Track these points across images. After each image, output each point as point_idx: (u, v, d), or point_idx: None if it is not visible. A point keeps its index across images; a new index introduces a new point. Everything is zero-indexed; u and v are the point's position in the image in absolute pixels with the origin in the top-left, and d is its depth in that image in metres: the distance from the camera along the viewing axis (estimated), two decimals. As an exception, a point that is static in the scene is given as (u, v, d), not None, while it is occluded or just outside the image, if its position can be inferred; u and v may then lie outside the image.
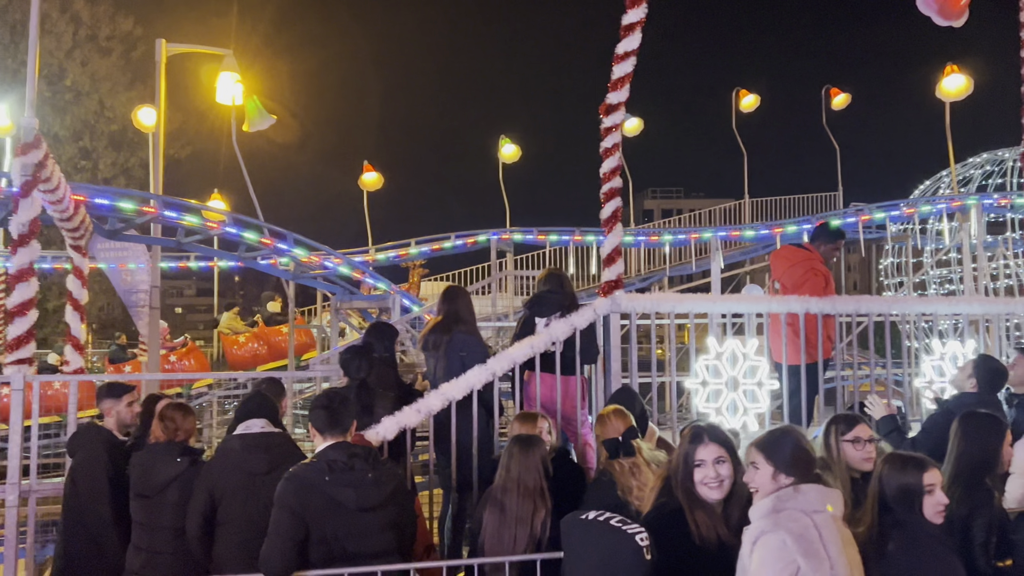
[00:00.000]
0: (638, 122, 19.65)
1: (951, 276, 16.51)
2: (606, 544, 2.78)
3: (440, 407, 4.82)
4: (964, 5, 6.57)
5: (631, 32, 5.27)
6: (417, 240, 15.21)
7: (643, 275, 17.92)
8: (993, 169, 17.91)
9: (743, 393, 5.39)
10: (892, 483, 3.04)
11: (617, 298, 5.38)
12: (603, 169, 5.48)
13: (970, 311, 6.27)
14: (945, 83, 13.17)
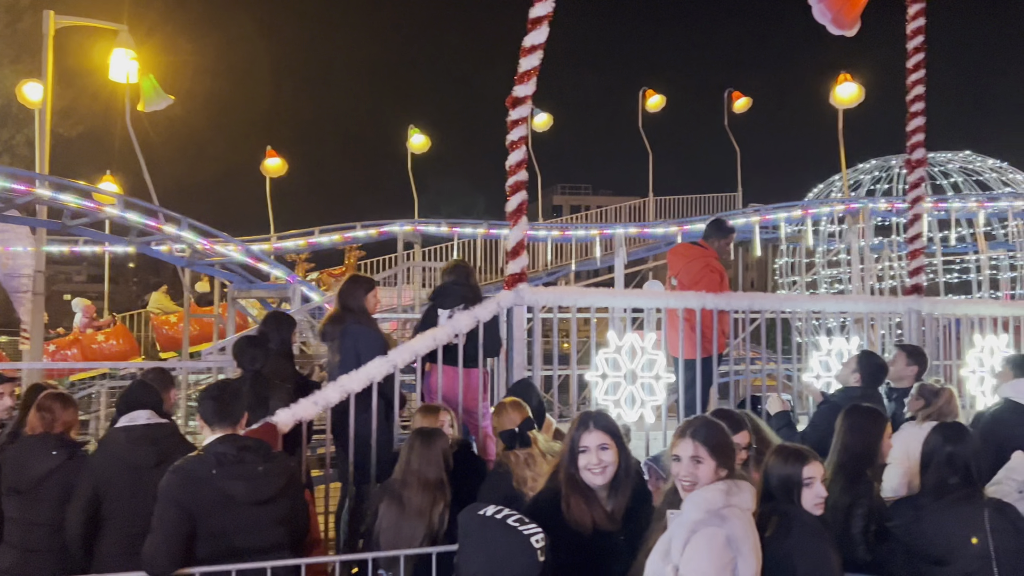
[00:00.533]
0: (547, 117, 19.79)
1: (841, 276, 17.31)
2: (501, 543, 2.77)
3: (338, 399, 4.73)
4: (857, 15, 6.86)
5: (538, 26, 5.27)
6: (322, 228, 14.89)
7: (550, 269, 18.08)
8: (882, 175, 18.86)
9: (641, 386, 5.50)
10: (774, 474, 3.16)
11: (521, 291, 5.39)
12: (509, 162, 5.47)
13: (855, 309, 6.58)
14: (838, 91, 13.77)
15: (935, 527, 3.25)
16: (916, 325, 6.41)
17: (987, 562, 3.14)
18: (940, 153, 18.42)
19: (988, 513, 3.22)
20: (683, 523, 2.75)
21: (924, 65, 6.62)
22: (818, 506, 3.09)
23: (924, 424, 4.33)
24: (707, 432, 2.89)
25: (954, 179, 18.07)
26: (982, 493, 3.37)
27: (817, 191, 19.03)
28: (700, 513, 2.73)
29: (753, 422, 3.92)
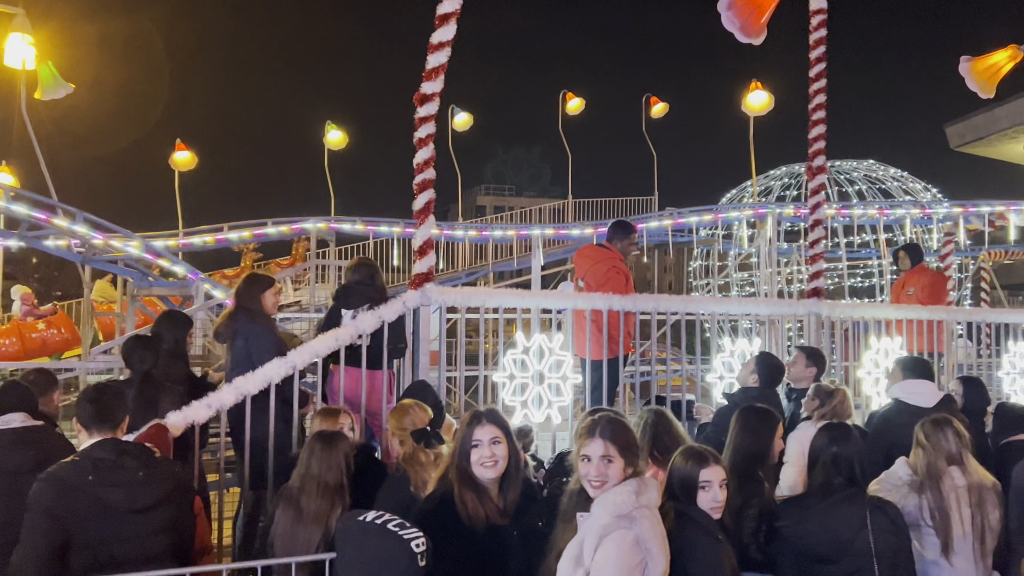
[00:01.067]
0: (467, 117, 19.71)
1: (752, 279, 17.79)
2: (380, 548, 2.71)
3: (234, 402, 4.56)
4: (763, 25, 7.03)
5: (446, 22, 5.21)
6: (231, 225, 14.45)
7: (469, 270, 18.02)
8: (791, 181, 19.48)
9: (548, 387, 5.49)
10: (676, 473, 3.20)
11: (427, 291, 5.31)
12: (416, 160, 5.39)
13: (758, 312, 6.73)
14: (749, 98, 14.14)
15: (821, 526, 3.32)
16: (816, 327, 6.60)
17: (869, 559, 3.23)
18: (846, 161, 19.14)
19: (870, 512, 3.31)
20: (593, 527, 2.75)
21: (826, 74, 6.82)
22: (714, 510, 3.13)
23: (819, 423, 4.44)
24: (615, 430, 2.90)
25: (859, 187, 18.79)
26: (865, 492, 3.46)
27: (730, 196, 19.52)
28: (609, 516, 2.73)
29: (667, 419, 3.96)
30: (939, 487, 3.71)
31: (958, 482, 3.73)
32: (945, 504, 3.68)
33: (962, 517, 3.66)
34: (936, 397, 4.68)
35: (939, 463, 3.76)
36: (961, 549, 3.64)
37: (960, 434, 3.82)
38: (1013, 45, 8.31)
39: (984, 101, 8.75)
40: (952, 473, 3.75)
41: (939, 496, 3.69)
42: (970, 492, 3.71)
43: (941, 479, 3.73)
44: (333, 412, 4.51)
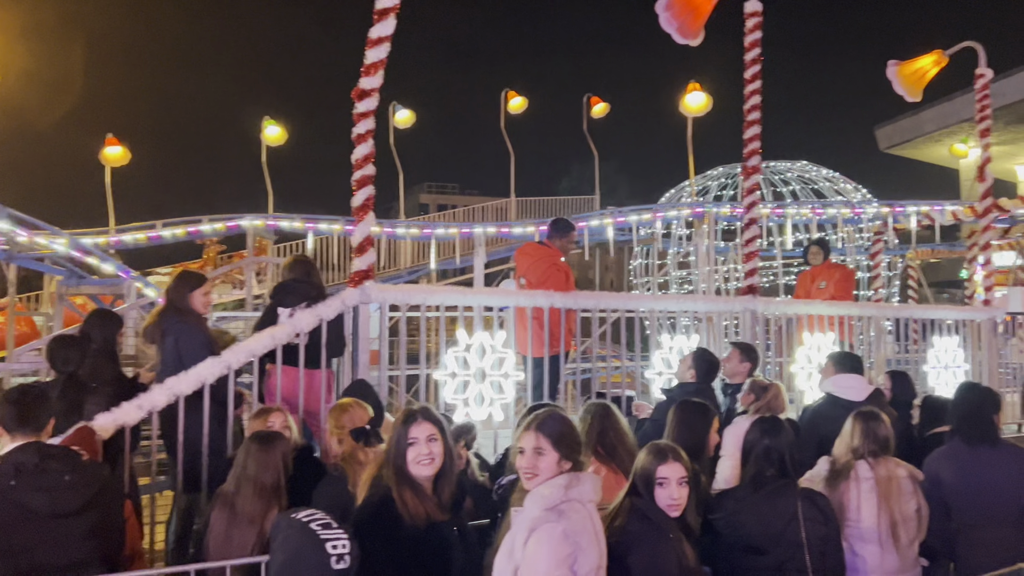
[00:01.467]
0: (409, 114, 19.57)
1: (690, 277, 18.07)
2: (297, 546, 2.67)
3: (166, 402, 4.44)
4: (700, 26, 7.13)
5: (385, 17, 5.16)
6: (165, 222, 14.07)
7: (411, 267, 17.89)
8: (727, 182, 19.85)
9: (490, 384, 5.49)
10: (638, 468, 3.27)
11: (367, 289, 5.25)
12: (355, 156, 5.32)
13: (695, 309, 6.84)
14: (688, 99, 14.36)
15: (754, 518, 3.39)
16: (751, 323, 6.73)
17: (800, 549, 3.31)
18: (780, 162, 19.57)
19: (801, 503, 3.39)
20: (523, 520, 2.75)
21: (761, 76, 6.96)
22: (671, 507, 3.16)
23: (754, 417, 4.53)
24: (551, 424, 2.90)
25: (793, 187, 19.24)
26: (796, 484, 3.54)
27: (669, 195, 19.80)
28: (539, 510, 2.73)
29: (613, 415, 3.99)
30: (846, 480, 3.82)
31: (864, 475, 3.83)
32: (845, 497, 3.79)
33: (870, 509, 3.76)
34: (866, 391, 4.82)
35: (847, 457, 3.88)
36: (872, 540, 3.75)
37: (875, 430, 3.91)
38: (938, 50, 8.59)
39: (911, 105, 9.03)
40: (859, 467, 3.86)
41: (844, 488, 3.81)
42: (879, 485, 3.81)
43: (848, 472, 3.84)
44: (267, 412, 4.44)
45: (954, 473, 3.91)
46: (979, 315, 7.91)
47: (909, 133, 29.71)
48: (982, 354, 7.91)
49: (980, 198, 8.40)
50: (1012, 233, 13.03)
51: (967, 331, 7.81)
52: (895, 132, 30.47)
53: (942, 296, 28.90)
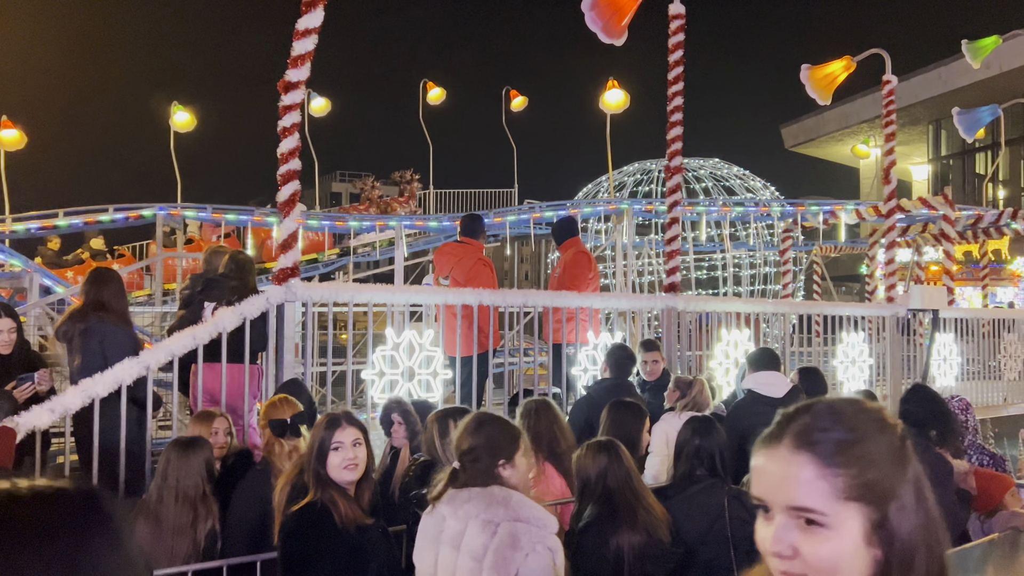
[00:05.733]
0: (325, 102, 19.18)
1: (606, 271, 18.35)
2: None
3: (80, 405, 4.24)
4: (623, 27, 7.24)
5: (312, 8, 5.03)
6: (67, 211, 13.37)
7: (327, 260, 17.54)
8: (643, 177, 20.23)
9: (418, 383, 5.45)
10: (579, 466, 3.36)
11: (292, 286, 5.13)
12: (281, 150, 5.19)
13: (619, 306, 6.95)
14: (607, 96, 14.54)
15: (683, 516, 3.47)
16: (672, 319, 6.89)
17: (726, 548, 3.41)
18: (693, 159, 20.07)
19: (728, 501, 3.49)
20: (480, 522, 2.78)
21: (683, 78, 7.11)
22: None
23: (683, 414, 4.65)
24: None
25: (705, 184, 19.76)
26: (725, 483, 3.64)
27: (587, 190, 20.04)
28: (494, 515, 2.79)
29: (552, 411, 4.02)
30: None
31: None
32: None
33: None
34: (785, 387, 4.98)
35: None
36: None
37: None
38: (847, 56, 8.97)
39: (815, 104, 9.41)
40: None
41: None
42: None
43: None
44: (207, 416, 4.34)
45: None
46: (885, 311, 8.31)
47: (812, 132, 30.97)
48: (883, 347, 8.33)
49: (885, 200, 8.81)
50: (910, 232, 13.74)
51: (871, 327, 8.20)
52: (799, 131, 31.70)
53: (841, 290, 30.27)
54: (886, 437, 1.16)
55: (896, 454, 1.16)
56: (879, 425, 1.17)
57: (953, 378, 8.70)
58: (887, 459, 1.14)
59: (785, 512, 1.13)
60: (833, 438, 1.13)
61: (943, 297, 8.51)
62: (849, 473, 1.11)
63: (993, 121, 13.06)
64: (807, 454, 1.12)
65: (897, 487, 1.13)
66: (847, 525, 1.10)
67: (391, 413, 4.51)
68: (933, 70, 24.73)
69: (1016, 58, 15.91)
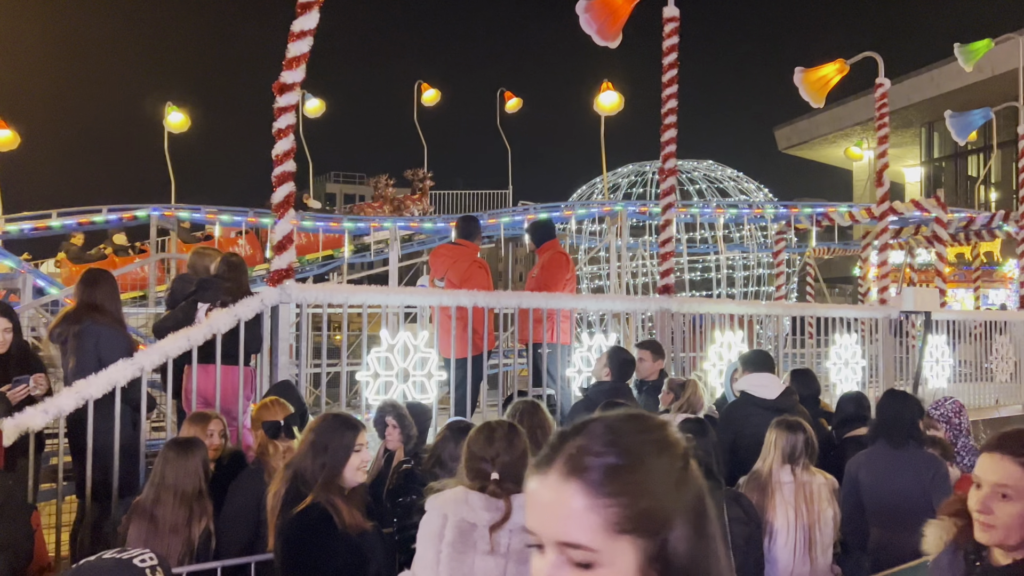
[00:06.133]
0: (319, 103, 19.18)
1: (600, 273, 18.37)
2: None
3: (74, 407, 4.24)
4: (618, 29, 7.26)
5: (308, 10, 5.04)
6: (60, 211, 13.33)
7: (322, 262, 17.52)
8: (637, 179, 20.25)
9: (413, 384, 5.45)
10: None
11: (287, 288, 5.14)
12: (276, 151, 5.19)
13: (613, 308, 6.96)
14: (601, 98, 14.57)
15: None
16: (666, 321, 6.91)
17: (724, 549, 3.41)
18: (687, 161, 20.10)
19: (727, 504, 3.51)
20: None
21: (677, 80, 7.13)
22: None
23: (677, 416, 4.66)
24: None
25: (699, 186, 19.80)
26: (722, 484, 3.66)
27: (581, 192, 20.06)
28: None
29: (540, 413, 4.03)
30: (766, 485, 3.96)
31: (784, 479, 3.98)
32: (764, 502, 3.93)
33: (787, 515, 3.92)
34: (778, 389, 5.00)
35: (768, 463, 4.01)
36: (786, 544, 3.90)
37: (798, 438, 4.02)
38: (841, 59, 9.00)
39: (808, 107, 9.45)
40: (780, 473, 4.00)
41: (764, 494, 3.95)
42: (797, 492, 3.95)
43: (768, 478, 3.98)
44: (204, 418, 4.34)
45: (871, 476, 4.11)
46: (878, 313, 8.35)
47: (806, 135, 31.07)
48: (876, 349, 8.36)
49: (878, 202, 8.85)
50: (903, 234, 13.80)
51: (864, 328, 8.23)
52: (793, 133, 31.79)
53: (834, 292, 30.35)
54: (665, 460, 1.06)
55: (675, 478, 1.06)
56: (658, 447, 1.07)
57: (945, 380, 8.74)
58: (664, 485, 1.04)
59: (555, 548, 1.02)
60: (605, 464, 1.02)
61: (935, 299, 8.54)
62: (621, 503, 1.01)
63: (985, 124, 13.12)
64: (577, 482, 1.02)
65: (674, 515, 1.04)
66: (619, 561, 1.01)
67: (385, 416, 4.52)
68: (926, 73, 24.85)
69: (1008, 61, 15.98)
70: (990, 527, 1.97)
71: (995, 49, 11.80)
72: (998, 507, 1.96)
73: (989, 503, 1.97)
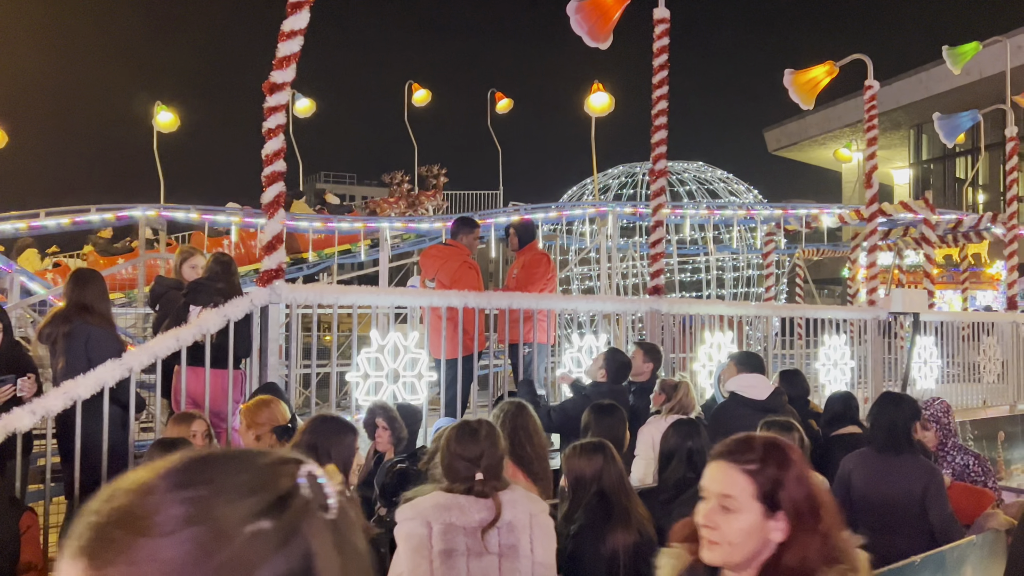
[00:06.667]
0: (310, 103, 19.13)
1: (590, 273, 18.39)
2: None
3: (62, 407, 4.21)
4: (609, 30, 7.27)
5: (298, 10, 5.03)
6: (48, 211, 13.24)
7: (312, 262, 17.47)
8: (627, 180, 20.29)
9: (403, 385, 5.45)
10: (572, 467, 3.37)
11: (277, 288, 5.12)
12: (266, 151, 5.18)
13: (603, 309, 6.98)
14: (591, 99, 14.58)
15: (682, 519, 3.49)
16: (656, 322, 6.92)
17: None
18: (678, 163, 20.14)
19: None
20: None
21: (668, 82, 7.15)
22: None
23: (669, 417, 4.67)
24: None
25: (689, 187, 19.85)
26: None
27: (571, 192, 20.08)
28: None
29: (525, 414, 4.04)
30: None
31: None
32: None
33: None
34: (768, 389, 5.02)
35: None
36: None
37: (791, 440, 4.05)
38: (830, 61, 9.05)
39: (797, 108, 9.49)
40: None
41: None
42: None
43: None
44: (186, 418, 4.31)
45: (862, 477, 4.12)
46: (867, 315, 8.39)
47: (795, 136, 31.19)
48: (865, 350, 8.40)
49: (867, 204, 8.89)
50: (892, 235, 13.87)
51: (853, 329, 8.27)
52: (782, 135, 31.91)
53: (823, 293, 30.48)
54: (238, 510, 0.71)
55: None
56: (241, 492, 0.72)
57: (933, 381, 8.78)
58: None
59: None
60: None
61: (924, 300, 8.59)
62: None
63: (973, 126, 13.20)
64: (81, 561, 0.69)
65: None
66: None
67: (376, 417, 4.51)
68: (914, 76, 24.98)
69: (996, 64, 16.09)
70: (715, 544, 1.74)
71: (983, 52, 11.88)
72: (723, 521, 1.74)
73: (714, 516, 1.75)
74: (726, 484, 1.75)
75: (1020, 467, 9.47)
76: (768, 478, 1.73)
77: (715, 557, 1.75)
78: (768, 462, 1.74)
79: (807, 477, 1.77)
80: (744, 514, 1.71)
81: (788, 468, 1.75)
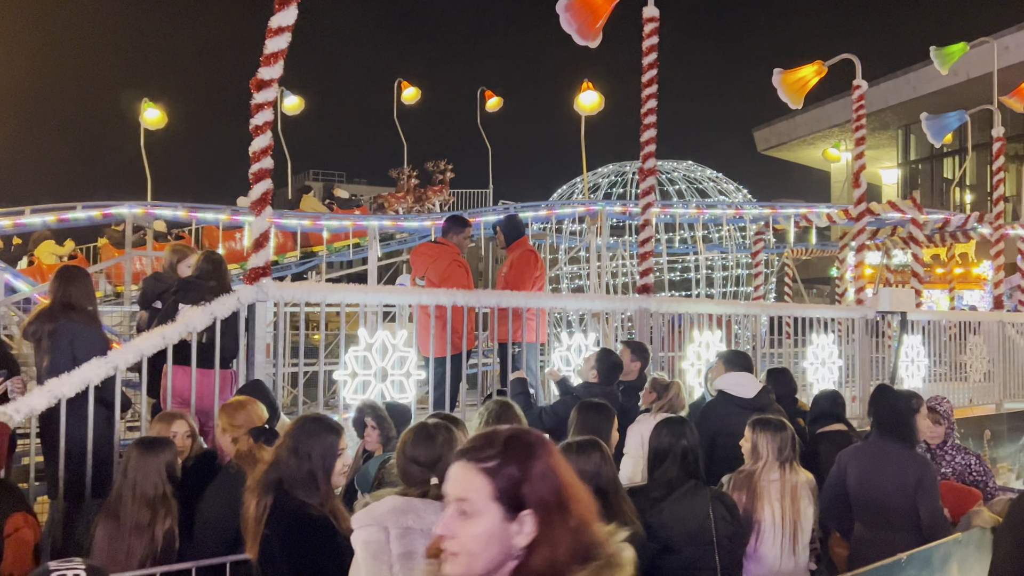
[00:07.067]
0: (298, 100, 19.06)
1: (580, 272, 18.40)
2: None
3: (46, 406, 4.18)
4: (598, 29, 7.27)
5: (286, 6, 5.00)
6: (34, 208, 13.13)
7: (300, 259, 17.40)
8: (617, 179, 20.31)
9: (391, 384, 5.42)
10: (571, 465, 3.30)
11: (264, 286, 5.10)
12: (253, 148, 5.15)
13: (592, 307, 6.97)
14: (581, 98, 14.59)
15: (673, 517, 3.49)
16: (645, 321, 6.92)
17: (710, 548, 3.43)
18: (667, 162, 20.18)
19: (712, 503, 3.52)
20: None
21: (657, 80, 7.15)
22: None
23: (658, 416, 4.66)
24: None
25: (679, 186, 19.88)
26: (706, 484, 3.66)
27: (561, 191, 20.09)
28: None
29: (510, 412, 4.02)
30: (751, 484, 3.98)
31: (772, 477, 4.00)
32: (748, 502, 3.95)
33: (772, 512, 3.94)
34: (756, 388, 5.02)
35: (759, 463, 4.03)
36: (774, 541, 3.93)
37: (781, 438, 4.05)
38: (819, 61, 9.07)
39: (786, 108, 9.52)
40: (766, 472, 4.02)
41: (750, 493, 3.97)
42: (783, 490, 3.98)
43: (753, 477, 4.00)
44: (170, 417, 4.28)
45: (859, 470, 4.14)
46: (855, 314, 8.42)
47: (784, 136, 31.29)
48: (853, 349, 8.43)
49: (855, 203, 8.92)
50: (880, 235, 13.92)
51: (841, 328, 8.30)
52: (771, 134, 32.01)
53: (812, 292, 30.60)
54: None
55: None
56: None
57: (920, 380, 8.82)
58: None
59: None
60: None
61: (911, 299, 8.62)
62: None
63: (960, 127, 13.27)
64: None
65: None
66: None
67: (365, 417, 4.49)
68: (902, 76, 25.10)
69: (983, 65, 16.17)
70: (454, 555, 1.55)
71: (970, 53, 11.94)
72: (461, 527, 1.55)
73: (451, 524, 1.56)
74: (462, 486, 1.57)
75: (1006, 466, 9.53)
76: (507, 476, 1.55)
77: (455, 569, 1.56)
78: (508, 457, 1.57)
79: (555, 469, 1.59)
80: (481, 518, 1.54)
81: (531, 462, 1.57)
